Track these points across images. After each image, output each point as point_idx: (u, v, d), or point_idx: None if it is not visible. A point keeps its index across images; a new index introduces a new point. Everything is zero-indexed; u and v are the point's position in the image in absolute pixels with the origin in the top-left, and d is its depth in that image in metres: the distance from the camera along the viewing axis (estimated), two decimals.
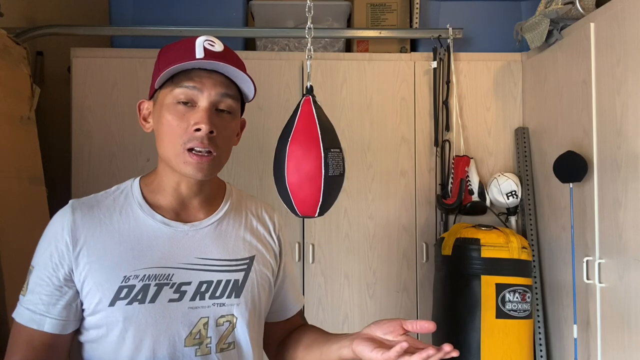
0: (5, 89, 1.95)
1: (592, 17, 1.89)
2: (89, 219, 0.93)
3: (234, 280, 0.98)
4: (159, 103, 0.95)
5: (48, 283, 0.90)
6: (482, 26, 2.48)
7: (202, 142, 0.90)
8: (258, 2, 2.49)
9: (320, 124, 0.93)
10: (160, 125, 0.93)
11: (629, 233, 1.67)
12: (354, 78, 2.41)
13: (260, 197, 2.30)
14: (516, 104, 2.46)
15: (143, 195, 0.98)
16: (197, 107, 0.92)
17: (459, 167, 2.34)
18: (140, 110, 1.00)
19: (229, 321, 0.96)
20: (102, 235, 0.93)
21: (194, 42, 0.94)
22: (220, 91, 0.93)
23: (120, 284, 0.90)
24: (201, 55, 0.91)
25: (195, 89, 0.91)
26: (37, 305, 0.90)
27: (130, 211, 0.96)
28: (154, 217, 0.96)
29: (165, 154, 0.94)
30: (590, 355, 1.88)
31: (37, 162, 2.13)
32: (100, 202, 0.97)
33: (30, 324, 0.89)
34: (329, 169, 0.90)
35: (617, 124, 1.73)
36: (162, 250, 0.94)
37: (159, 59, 0.96)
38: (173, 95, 0.92)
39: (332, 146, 0.91)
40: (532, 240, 2.30)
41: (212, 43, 0.95)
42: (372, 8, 2.55)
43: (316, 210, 0.99)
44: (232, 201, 1.07)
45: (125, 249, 0.92)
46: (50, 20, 2.46)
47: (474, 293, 2.03)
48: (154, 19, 2.36)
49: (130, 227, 0.94)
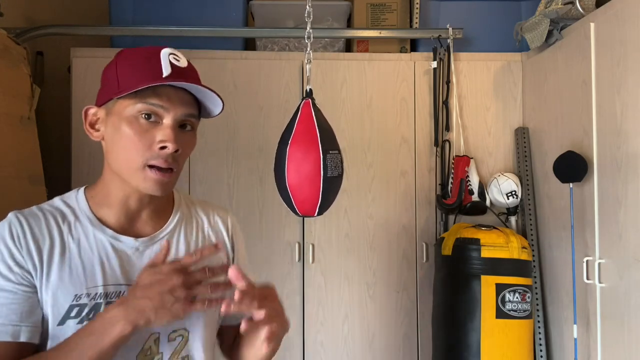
0: (5, 89, 1.95)
1: (592, 17, 1.89)
2: (37, 229, 0.89)
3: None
4: (115, 113, 0.89)
5: (15, 291, 0.85)
6: (482, 26, 2.48)
7: (166, 160, 0.89)
8: (258, 2, 2.49)
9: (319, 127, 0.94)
10: (117, 138, 0.89)
11: (629, 233, 1.67)
12: (354, 78, 2.42)
13: (260, 197, 2.33)
14: (516, 104, 2.46)
15: (90, 208, 0.94)
16: (162, 124, 0.89)
17: (459, 167, 2.34)
18: (87, 116, 0.94)
19: (181, 335, 0.95)
20: (53, 249, 0.88)
21: (159, 55, 0.90)
22: (185, 111, 0.91)
23: (72, 303, 0.86)
24: (168, 71, 0.88)
25: (161, 107, 0.88)
26: (8, 316, 0.83)
27: (79, 225, 0.92)
28: (105, 232, 0.92)
29: (120, 168, 0.90)
30: (590, 355, 1.88)
31: (37, 162, 2.13)
32: (47, 214, 0.91)
33: (2, 337, 0.82)
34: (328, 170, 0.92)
35: (617, 124, 1.73)
36: (113, 267, 0.91)
37: (117, 68, 0.91)
38: (136, 109, 0.88)
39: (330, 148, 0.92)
40: (532, 240, 2.30)
41: (177, 57, 0.92)
42: (372, 8, 2.55)
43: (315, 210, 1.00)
44: (181, 211, 1.03)
45: (76, 265, 0.89)
46: (50, 20, 2.45)
47: (474, 293, 2.03)
48: (154, 19, 2.36)
49: (80, 242, 0.91)
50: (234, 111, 2.34)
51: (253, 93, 2.38)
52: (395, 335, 2.37)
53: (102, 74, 0.95)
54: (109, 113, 0.91)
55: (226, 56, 2.38)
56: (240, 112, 2.35)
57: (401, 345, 2.37)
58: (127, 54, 0.93)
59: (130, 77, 0.88)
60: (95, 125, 0.94)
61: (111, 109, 0.90)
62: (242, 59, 2.40)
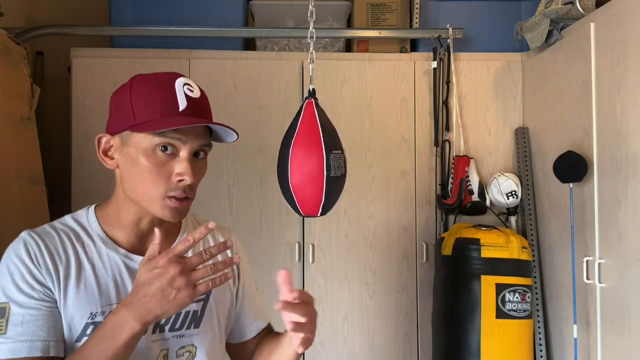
0: (5, 89, 1.95)
1: (592, 17, 1.89)
2: (53, 248, 0.90)
3: (193, 312, 0.99)
4: (132, 144, 0.91)
5: (39, 308, 0.87)
6: (482, 26, 2.48)
7: (183, 191, 0.91)
8: (258, 2, 2.49)
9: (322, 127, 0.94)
10: (135, 169, 0.91)
11: (629, 233, 1.67)
12: (354, 78, 2.42)
13: (260, 197, 2.33)
14: (516, 104, 2.46)
15: (102, 228, 0.96)
16: (179, 156, 0.91)
17: (459, 167, 2.34)
18: (100, 144, 0.95)
19: (189, 351, 0.98)
20: (69, 268, 0.90)
21: (173, 86, 0.91)
22: (201, 142, 0.93)
23: (87, 321, 0.89)
24: (184, 105, 0.90)
25: (179, 140, 0.90)
26: (36, 332, 0.85)
27: (92, 244, 0.94)
28: (117, 251, 0.95)
29: (137, 197, 0.92)
30: (590, 355, 1.88)
31: (37, 162, 2.13)
32: (60, 233, 0.93)
33: (33, 352, 0.84)
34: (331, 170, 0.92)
35: (617, 124, 1.73)
36: (125, 286, 0.93)
37: (132, 97, 0.91)
38: (154, 142, 0.89)
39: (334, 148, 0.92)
40: (532, 240, 2.30)
41: (191, 88, 0.93)
42: (372, 8, 2.55)
43: (319, 210, 1.00)
44: (188, 231, 1.06)
45: (91, 284, 0.91)
46: (50, 20, 2.46)
47: (474, 293, 2.03)
48: (154, 19, 2.36)
49: (94, 261, 0.93)
50: (234, 111, 2.34)
51: (253, 93, 2.37)
52: (395, 335, 2.37)
53: (112, 99, 0.96)
54: (124, 143, 0.92)
55: (226, 56, 2.38)
56: (240, 112, 2.35)
57: (401, 345, 2.37)
58: (140, 83, 0.93)
59: (146, 109, 0.89)
60: (108, 153, 0.95)
61: (127, 140, 0.91)
62: (242, 59, 2.40)
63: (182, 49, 2.35)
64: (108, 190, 1.01)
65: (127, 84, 0.94)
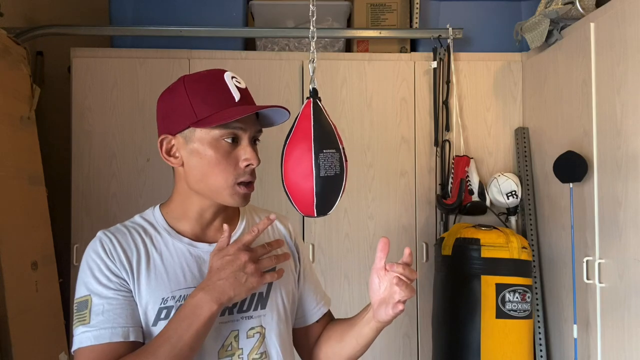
0: (5, 89, 1.95)
1: (592, 17, 1.89)
2: (125, 244, 0.99)
3: (259, 293, 1.04)
4: (196, 140, 0.97)
5: (116, 297, 0.94)
6: (482, 26, 2.48)
7: (251, 175, 1.01)
8: (258, 2, 2.49)
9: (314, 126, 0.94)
10: (203, 161, 0.98)
11: (629, 233, 1.67)
12: (354, 78, 2.42)
13: (260, 197, 2.33)
14: (516, 104, 2.46)
15: (167, 222, 1.04)
16: (241, 144, 0.99)
17: (459, 167, 2.34)
18: (162, 145, 1.01)
19: (259, 332, 1.03)
20: (140, 260, 0.98)
21: (223, 80, 0.99)
22: (256, 129, 1.02)
23: (160, 306, 0.95)
24: (238, 96, 0.98)
25: (241, 129, 0.98)
26: (116, 319, 0.92)
27: (159, 237, 1.02)
28: (182, 241, 1.02)
29: (206, 188, 0.99)
30: (590, 355, 1.88)
31: (37, 162, 2.13)
32: (130, 230, 1.02)
33: (115, 338, 0.91)
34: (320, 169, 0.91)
35: (617, 124, 1.73)
36: (192, 271, 1.00)
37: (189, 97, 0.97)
38: (219, 134, 0.97)
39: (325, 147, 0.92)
40: (532, 240, 2.30)
41: (238, 80, 1.01)
42: (372, 8, 2.55)
43: (314, 211, 1.00)
44: (247, 218, 1.13)
45: (160, 272, 0.98)
46: (50, 20, 2.46)
47: (474, 293, 2.03)
48: (154, 19, 2.36)
49: (162, 251, 1.00)
50: None
51: (253, 93, 2.34)
52: (395, 335, 2.37)
53: (163, 102, 1.01)
54: (188, 140, 0.99)
55: (226, 56, 2.38)
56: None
57: (401, 345, 2.37)
58: (193, 83, 0.99)
59: (205, 105, 0.96)
60: (171, 152, 1.01)
61: (190, 137, 0.98)
62: (242, 59, 2.40)
63: (182, 49, 2.35)
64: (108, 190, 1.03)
65: (178, 85, 1.00)
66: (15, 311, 1.79)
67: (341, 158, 0.96)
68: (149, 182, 2.29)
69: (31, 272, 1.94)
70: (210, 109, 0.96)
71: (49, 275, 2.07)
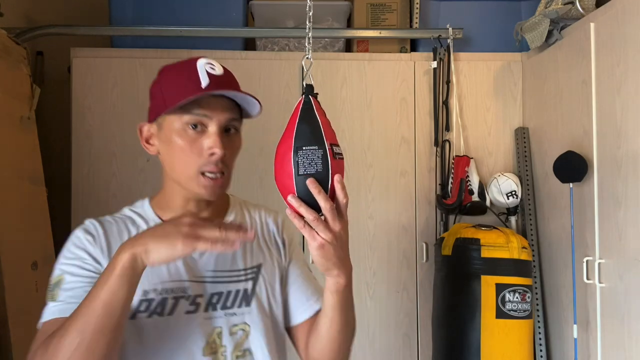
0: (5, 89, 1.95)
1: (592, 17, 1.89)
2: (110, 233, 0.98)
3: (244, 290, 1.02)
4: (166, 127, 0.96)
5: (90, 277, 0.92)
6: (482, 26, 2.48)
7: (216, 166, 0.95)
8: (258, 2, 2.49)
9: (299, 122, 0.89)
10: (171, 149, 0.96)
11: (629, 233, 1.67)
12: (354, 78, 2.42)
13: (260, 197, 2.33)
14: (516, 104, 2.46)
15: (155, 213, 1.03)
16: (207, 131, 0.95)
17: (459, 167, 2.34)
18: (142, 133, 1.02)
19: (242, 329, 1.01)
20: None
21: (195, 67, 0.95)
22: (227, 116, 0.97)
23: (141, 298, 0.94)
24: (206, 82, 0.93)
25: (204, 116, 0.94)
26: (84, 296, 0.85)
27: (145, 227, 1.00)
28: None
29: (178, 176, 0.97)
30: (590, 355, 1.88)
31: (37, 162, 2.13)
32: (118, 220, 1.01)
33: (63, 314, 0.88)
34: (299, 167, 0.88)
35: (617, 124, 1.73)
36: (176, 265, 0.98)
37: (161, 85, 0.97)
38: (182, 121, 0.94)
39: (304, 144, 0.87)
40: (532, 240, 2.30)
41: (213, 66, 0.97)
42: (372, 8, 2.55)
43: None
44: (235, 213, 1.10)
45: None
46: (50, 20, 2.45)
47: (474, 293, 2.03)
48: (154, 19, 2.36)
49: None
50: None
51: (253, 93, 2.37)
52: (395, 335, 2.37)
53: (149, 92, 1.01)
54: (160, 128, 0.98)
55: (226, 56, 2.38)
56: None
57: (401, 345, 2.37)
58: (168, 70, 0.99)
59: (173, 91, 0.94)
60: (149, 140, 1.01)
61: (161, 124, 0.97)
62: (242, 59, 2.40)
63: (182, 49, 2.35)
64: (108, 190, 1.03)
65: (158, 74, 1.00)
66: (15, 311, 1.79)
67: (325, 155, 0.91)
68: (149, 182, 2.28)
69: (31, 272, 1.94)
70: (177, 96, 0.92)
71: (49, 276, 2.06)
